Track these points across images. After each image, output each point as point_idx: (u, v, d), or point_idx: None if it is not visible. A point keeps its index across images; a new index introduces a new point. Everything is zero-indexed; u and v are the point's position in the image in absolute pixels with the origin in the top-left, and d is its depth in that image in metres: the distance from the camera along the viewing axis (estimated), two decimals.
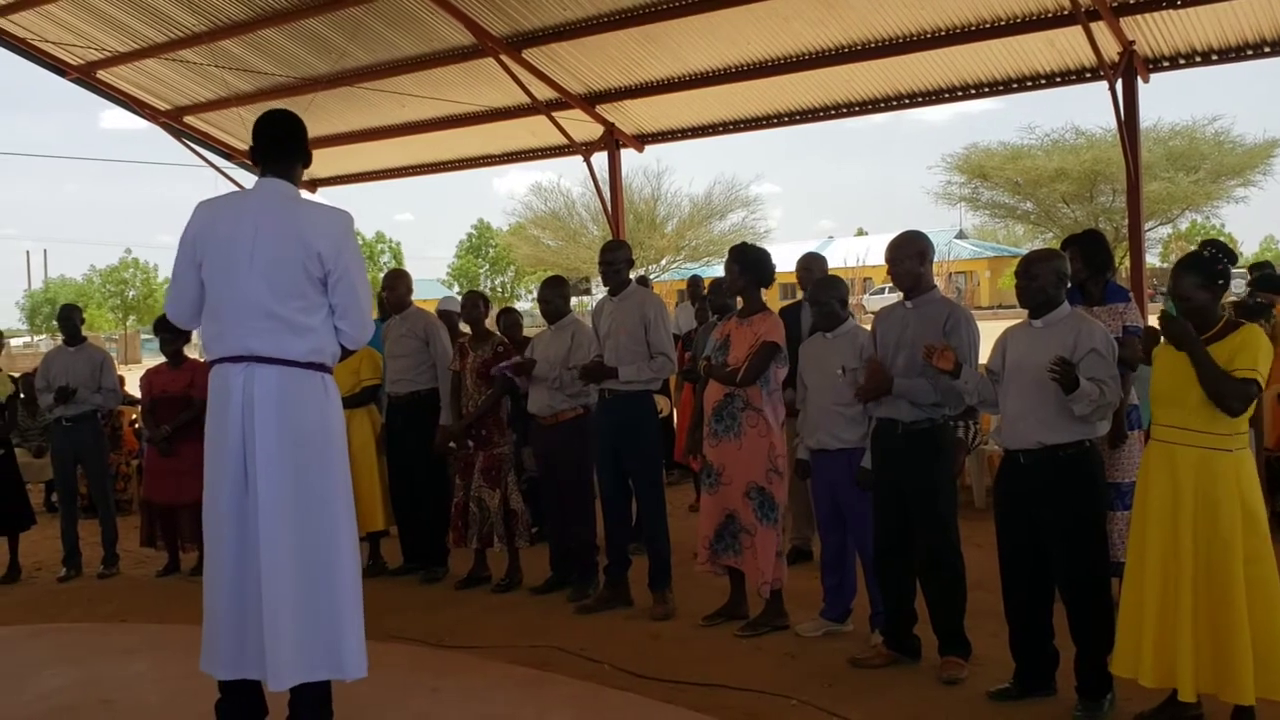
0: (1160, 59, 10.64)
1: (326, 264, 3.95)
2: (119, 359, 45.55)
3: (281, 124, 4.19)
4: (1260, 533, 3.94)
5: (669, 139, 14.17)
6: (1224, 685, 3.91)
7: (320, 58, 12.87)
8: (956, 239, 52.68)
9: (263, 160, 4.12)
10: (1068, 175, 33.58)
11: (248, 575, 3.85)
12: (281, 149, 4.13)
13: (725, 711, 4.64)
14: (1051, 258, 4.61)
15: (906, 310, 5.11)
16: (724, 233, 38.99)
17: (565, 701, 4.79)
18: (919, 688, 4.87)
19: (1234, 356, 3.96)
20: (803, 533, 7.07)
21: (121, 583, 7.86)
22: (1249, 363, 3.95)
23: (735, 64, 12.07)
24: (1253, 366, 3.95)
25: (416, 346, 7.28)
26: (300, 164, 4.19)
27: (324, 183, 16.62)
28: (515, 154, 15.34)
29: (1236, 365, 3.95)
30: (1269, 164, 33.29)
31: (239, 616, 3.85)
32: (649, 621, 6.08)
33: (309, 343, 3.96)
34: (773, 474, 5.71)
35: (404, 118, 14.27)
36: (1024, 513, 4.51)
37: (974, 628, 5.05)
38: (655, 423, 6.50)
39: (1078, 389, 4.22)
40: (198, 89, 14.34)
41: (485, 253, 67.72)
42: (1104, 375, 4.33)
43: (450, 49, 12.37)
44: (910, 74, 11.70)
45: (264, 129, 4.14)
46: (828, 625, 5.68)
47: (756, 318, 5.85)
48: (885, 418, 5.08)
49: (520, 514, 6.94)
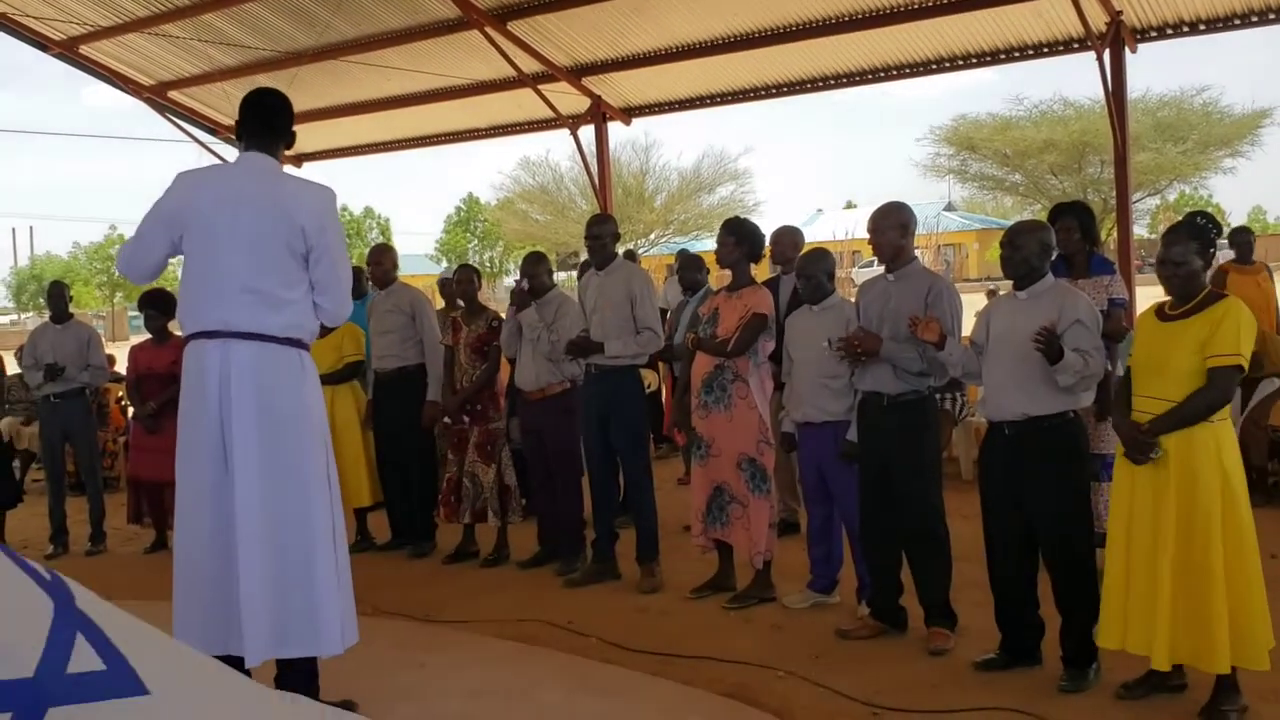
0: (1148, 29, 10.61)
1: (309, 240, 3.94)
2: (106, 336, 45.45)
3: (271, 103, 4.18)
4: (1240, 503, 3.95)
5: (656, 112, 14.10)
6: (1201, 655, 3.94)
7: (304, 31, 12.75)
8: (945, 211, 52.61)
9: (249, 136, 4.10)
10: (1056, 146, 33.51)
11: (227, 549, 3.84)
12: (268, 127, 4.12)
13: (712, 684, 4.67)
14: (1036, 229, 4.61)
15: (889, 282, 5.11)
16: (713, 206, 38.89)
17: (552, 674, 4.81)
18: (905, 659, 4.91)
19: (1214, 335, 3.95)
20: (789, 505, 7.09)
21: (109, 560, 7.87)
22: (1230, 346, 3.94)
23: (722, 36, 12.00)
24: (1235, 350, 3.94)
25: (403, 322, 7.25)
26: (284, 143, 4.19)
27: (309, 157, 16.51)
28: (501, 127, 15.24)
29: (1215, 350, 3.94)
30: (1257, 135, 33.25)
31: (220, 591, 3.85)
32: (636, 595, 6.10)
33: (286, 317, 3.95)
34: (763, 444, 5.75)
35: (389, 91, 14.16)
36: (1008, 484, 4.53)
37: (960, 599, 5.08)
38: (642, 397, 6.50)
39: (1062, 359, 4.23)
40: (181, 64, 14.22)
41: (474, 227, 67.47)
42: (1088, 346, 4.33)
43: (435, 21, 12.27)
44: (898, 46, 11.65)
45: (253, 106, 4.13)
46: (815, 597, 5.70)
47: (746, 291, 5.86)
48: (870, 390, 5.08)
49: (513, 490, 6.95)
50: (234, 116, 4.18)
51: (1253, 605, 3.92)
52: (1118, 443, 4.24)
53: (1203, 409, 3.96)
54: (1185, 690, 4.23)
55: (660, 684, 4.69)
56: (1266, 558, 4.11)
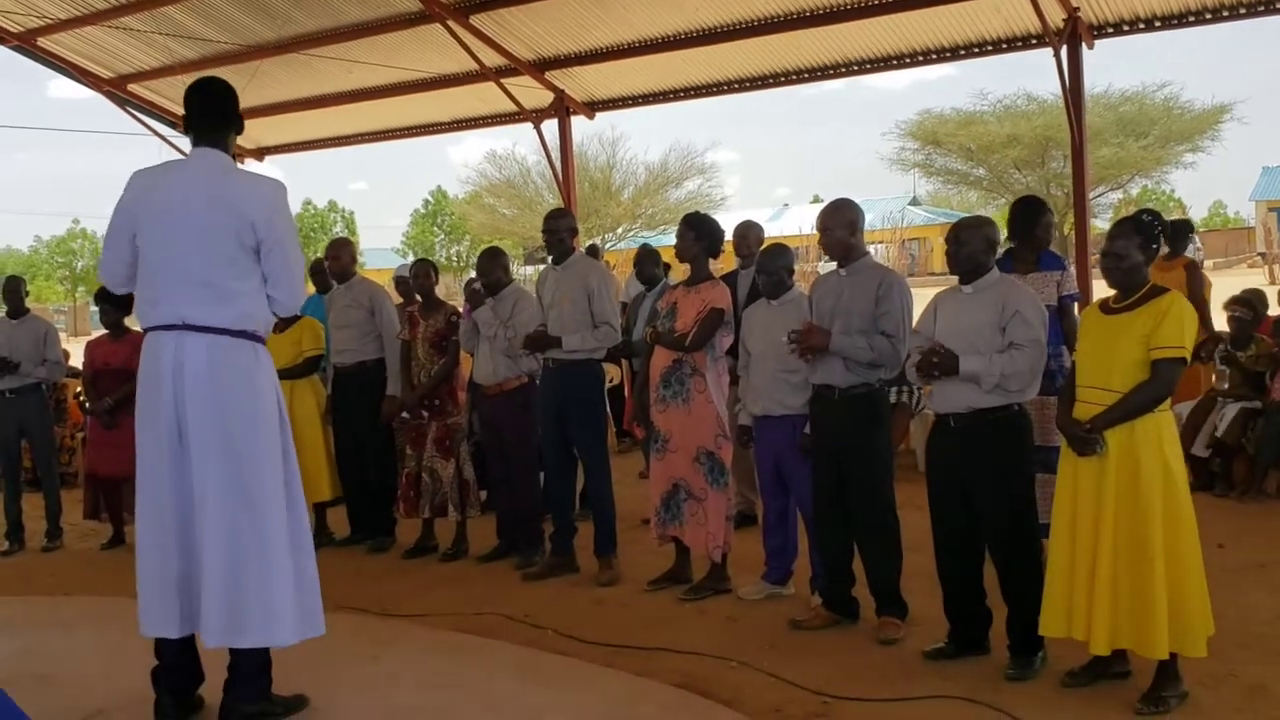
0: (1105, 25, 10.69)
1: (259, 232, 3.98)
2: (68, 331, 45.09)
3: (211, 93, 4.19)
4: (1180, 493, 4.03)
5: (620, 106, 14.09)
6: (1141, 641, 4.01)
7: (265, 24, 12.67)
8: (910, 206, 52.88)
9: (195, 130, 4.12)
10: (1020, 141, 33.85)
11: (186, 539, 3.92)
12: (212, 118, 4.15)
13: (666, 674, 4.70)
14: (981, 225, 4.69)
15: (841, 278, 5.16)
16: (680, 200, 38.99)
17: (506, 667, 4.83)
18: (857, 648, 4.96)
19: (1158, 328, 4.01)
20: (746, 497, 7.14)
21: (65, 556, 7.81)
22: (1174, 339, 4.01)
23: (686, 30, 12.00)
24: (1178, 343, 4.01)
25: (362, 316, 7.24)
26: (233, 132, 4.20)
27: (271, 151, 16.41)
28: (465, 121, 15.20)
29: (1159, 343, 4.00)
30: (1217, 130, 33.72)
31: (182, 580, 3.93)
32: (594, 587, 6.13)
33: (238, 308, 3.99)
34: (721, 438, 5.80)
35: (352, 85, 14.08)
36: (954, 475, 4.60)
37: (911, 589, 5.14)
38: (600, 390, 6.54)
39: (963, 372, 4.38)
40: (141, 56, 14.09)
41: (441, 221, 67.24)
42: (1024, 339, 4.42)
43: (397, 14, 12.20)
44: (861, 40, 11.70)
45: (194, 98, 4.16)
46: (769, 588, 5.75)
47: (704, 286, 5.90)
48: (822, 383, 5.13)
49: (472, 484, 6.96)
50: None
51: (1192, 593, 3.99)
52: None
53: (1146, 402, 4.03)
54: (1128, 677, 4.31)
55: (613, 675, 4.72)
56: (1213, 547, 4.20)
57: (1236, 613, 4.98)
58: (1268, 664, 4.48)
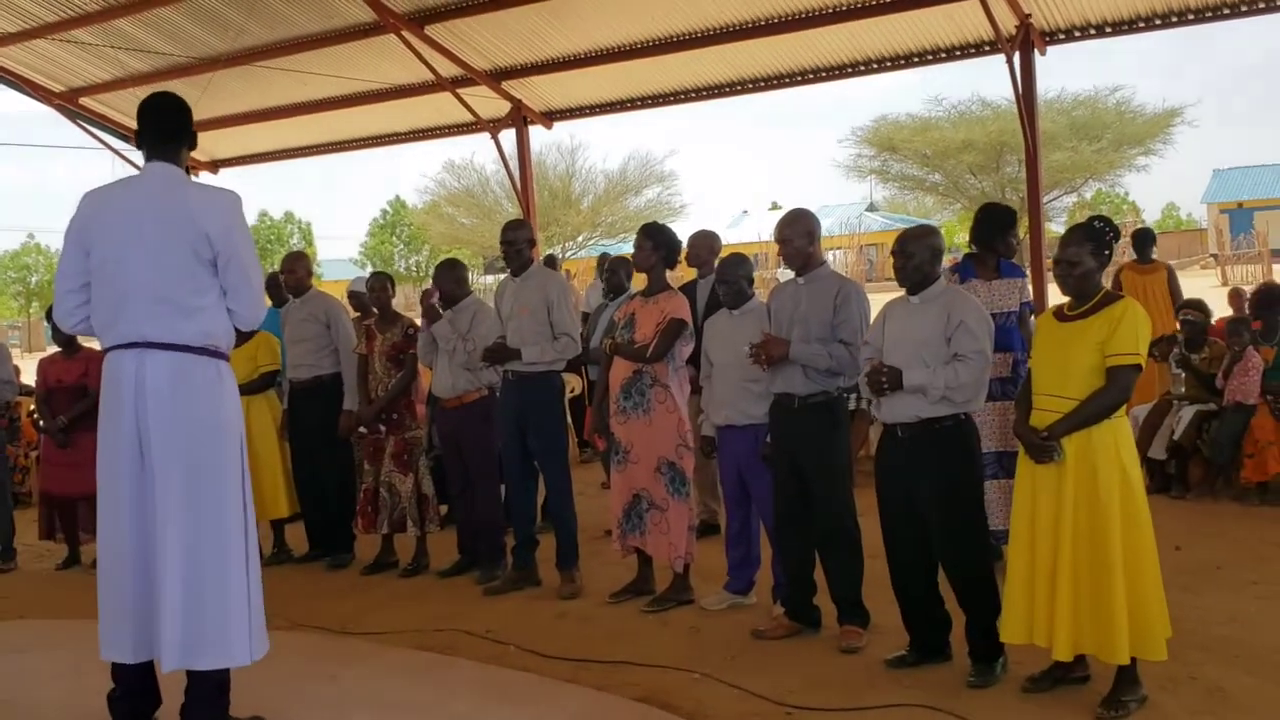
0: (1056, 31, 10.82)
1: (215, 245, 3.92)
2: (22, 346, 44.44)
3: (164, 107, 4.14)
4: (1137, 497, 4.06)
5: (577, 115, 14.11)
6: (1102, 646, 4.03)
7: (218, 36, 12.55)
8: (868, 212, 53.19)
9: (148, 145, 4.06)
10: (974, 146, 34.08)
11: (148, 560, 3.86)
12: (165, 133, 4.08)
13: (629, 688, 4.68)
14: (926, 235, 4.70)
15: (799, 286, 5.17)
16: (640, 209, 38.95)
17: (467, 685, 4.79)
18: (819, 657, 4.96)
19: (1113, 335, 4.04)
20: (709, 506, 7.13)
21: (20, 578, 7.68)
22: (1129, 346, 4.03)
23: (642, 40, 12.03)
24: (1133, 350, 4.04)
25: (318, 330, 7.18)
26: (186, 146, 4.14)
27: (225, 163, 16.29)
28: (421, 131, 15.17)
29: (1115, 350, 4.03)
30: (1169, 133, 34.11)
31: (142, 601, 3.86)
32: (557, 601, 6.09)
33: (199, 324, 3.93)
34: (682, 448, 5.79)
35: (306, 96, 14.01)
36: (902, 485, 4.61)
37: (872, 596, 5.14)
38: (561, 402, 6.50)
39: (907, 385, 4.42)
40: (92, 70, 13.95)
41: (399, 231, 66.89)
42: (968, 350, 4.45)
43: (350, 25, 12.15)
44: (816, 49, 11.77)
45: (146, 114, 4.10)
46: (731, 598, 5.74)
47: (662, 296, 5.90)
48: (782, 392, 5.13)
49: (431, 499, 6.91)
50: None
51: (1151, 597, 4.02)
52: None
53: (1102, 409, 4.05)
54: (1088, 682, 4.33)
55: (575, 690, 4.69)
56: (1170, 550, 4.23)
57: (1194, 615, 5.03)
58: (1226, 666, 4.52)
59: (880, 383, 4.50)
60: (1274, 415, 7.33)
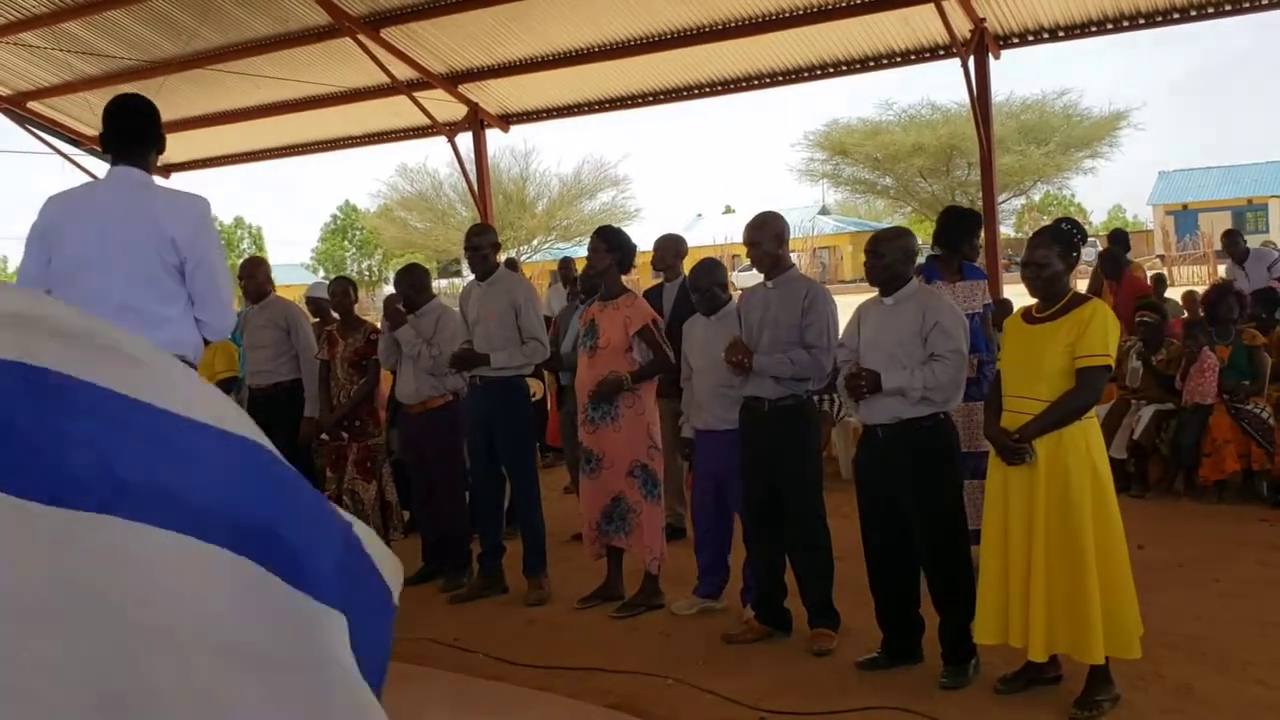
0: (1010, 35, 10.93)
1: (182, 251, 3.79)
2: None
3: (133, 111, 4.00)
4: (1108, 497, 4.09)
5: (534, 119, 14.09)
6: (1077, 645, 4.05)
7: (169, 39, 12.39)
8: (820, 215, 53.49)
9: (114, 148, 3.94)
10: (925, 150, 34.42)
11: None
12: (133, 136, 3.96)
13: (600, 695, 4.65)
14: (898, 236, 4.72)
15: (768, 290, 5.17)
16: (594, 212, 39.00)
17: (437, 695, 4.71)
18: (791, 660, 4.96)
19: (1082, 336, 4.06)
20: (675, 510, 7.12)
21: None
22: (1099, 348, 4.06)
23: (598, 43, 12.03)
24: (1103, 351, 4.06)
25: (277, 336, 7.07)
26: (154, 150, 4.02)
27: (177, 168, 16.06)
28: (377, 135, 15.06)
29: (1084, 351, 4.05)
30: (1115, 136, 34.65)
31: None
32: (525, 607, 6.04)
33: (166, 334, 3.81)
34: (653, 450, 5.80)
35: (260, 99, 13.87)
36: (883, 485, 4.62)
37: (842, 598, 5.14)
38: (527, 407, 6.45)
39: (886, 388, 4.45)
40: (41, 73, 13.73)
41: (351, 236, 66.45)
42: (944, 350, 4.47)
43: (305, 29, 12.04)
44: (770, 53, 11.82)
45: (115, 116, 3.95)
46: (701, 603, 5.72)
47: (621, 300, 5.88)
48: (752, 395, 5.13)
49: (394, 506, 6.83)
50: (98, 127, 4.04)
51: (1124, 596, 4.05)
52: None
53: (1073, 410, 4.07)
54: (1061, 681, 4.35)
55: (546, 698, 4.64)
56: (1134, 548, 4.26)
57: (1161, 613, 5.05)
58: (1194, 663, 4.57)
59: (859, 387, 4.51)
60: (1231, 415, 7.42)
